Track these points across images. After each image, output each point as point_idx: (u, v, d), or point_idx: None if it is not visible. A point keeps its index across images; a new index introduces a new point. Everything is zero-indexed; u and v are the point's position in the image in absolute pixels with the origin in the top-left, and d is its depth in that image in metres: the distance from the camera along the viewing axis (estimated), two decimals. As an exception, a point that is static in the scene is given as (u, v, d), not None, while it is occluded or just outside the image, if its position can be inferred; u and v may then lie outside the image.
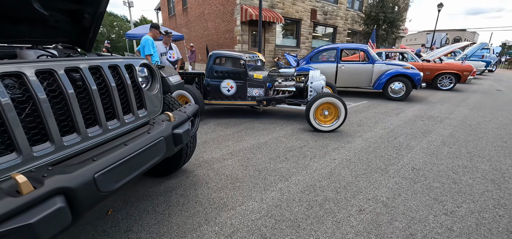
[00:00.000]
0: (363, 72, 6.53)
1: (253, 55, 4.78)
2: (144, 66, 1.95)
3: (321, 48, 7.03)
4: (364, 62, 6.52)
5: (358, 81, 6.65)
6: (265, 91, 4.54)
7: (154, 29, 4.50)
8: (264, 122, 4.56)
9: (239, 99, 4.70)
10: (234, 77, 4.59)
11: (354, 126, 4.26)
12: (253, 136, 3.84)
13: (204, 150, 3.37)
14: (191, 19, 15.27)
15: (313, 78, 4.28)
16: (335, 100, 3.69)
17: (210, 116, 5.10)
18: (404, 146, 3.36)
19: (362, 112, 5.20)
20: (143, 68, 1.96)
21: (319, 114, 3.93)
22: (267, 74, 4.54)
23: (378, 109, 5.46)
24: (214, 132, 4.09)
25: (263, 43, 11.45)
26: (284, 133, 3.95)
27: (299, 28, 12.55)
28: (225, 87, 4.66)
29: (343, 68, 6.64)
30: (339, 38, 14.86)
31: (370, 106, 5.77)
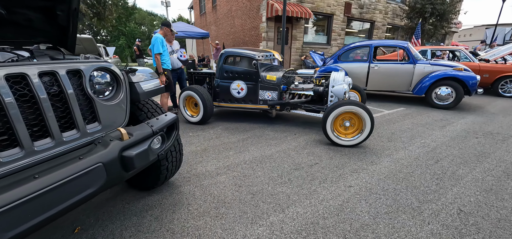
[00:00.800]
0: (401, 74, 5.57)
1: (267, 53, 4.30)
2: (104, 70, 1.63)
3: (351, 46, 6.21)
4: (403, 62, 5.56)
5: (394, 84, 5.71)
6: (279, 95, 4.04)
7: (165, 27, 4.30)
8: (276, 130, 4.07)
9: (250, 103, 4.27)
10: (244, 78, 4.18)
11: (383, 140, 3.52)
12: (259, 146, 3.38)
13: (201, 160, 3.04)
14: (219, 17, 15.25)
15: (335, 81, 3.64)
16: (359, 109, 3.04)
17: (219, 119, 4.78)
18: (448, 174, 2.59)
19: (396, 122, 4.37)
20: (105, 73, 1.65)
21: (338, 125, 3.30)
22: (281, 76, 4.02)
23: (417, 119, 4.55)
24: (218, 138, 3.74)
25: (290, 40, 10.81)
26: (295, 144, 3.42)
27: (330, 24, 11.58)
28: (235, 88, 4.28)
29: (377, 68, 5.75)
30: (377, 34, 13.39)
31: (407, 115, 4.86)
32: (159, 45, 4.17)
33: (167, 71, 4.40)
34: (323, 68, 6.52)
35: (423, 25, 11.54)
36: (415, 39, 9.62)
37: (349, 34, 12.79)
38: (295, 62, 11.17)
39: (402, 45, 5.59)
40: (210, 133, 4.00)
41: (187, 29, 10.52)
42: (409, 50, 5.50)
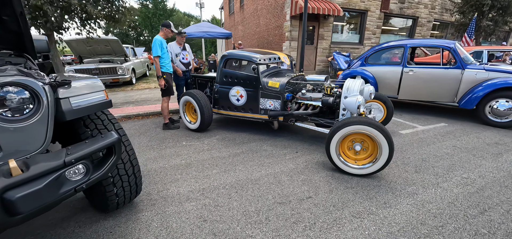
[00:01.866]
0: (444, 80, 4.51)
1: (272, 56, 3.76)
2: (15, 85, 1.33)
3: (382, 46, 5.28)
4: (448, 66, 4.49)
5: (434, 93, 4.67)
6: (283, 104, 3.48)
7: (165, 28, 4.05)
8: (276, 144, 3.52)
9: (250, 111, 3.79)
10: (244, 84, 3.71)
11: (409, 169, 2.73)
12: (249, 166, 2.90)
13: (179, 177, 2.67)
14: (246, 16, 14.97)
15: (348, 91, 2.96)
16: (373, 130, 2.34)
17: (220, 126, 4.39)
18: (500, 234, 1.79)
19: (431, 144, 3.46)
20: (21, 90, 1.35)
21: (346, 148, 2.63)
22: (286, 82, 3.46)
23: (462, 141, 3.56)
24: (209, 151, 3.34)
25: (316, 40, 9.96)
26: (292, 167, 2.84)
27: (363, 21, 10.39)
28: (234, 95, 3.84)
29: (412, 73, 4.77)
30: (421, 32, 11.66)
31: (449, 134, 3.86)
32: (158, 48, 3.94)
33: (167, 74, 4.15)
34: (347, 72, 5.72)
35: (480, 20, 9.63)
36: (468, 38, 8.01)
37: (386, 32, 11.36)
38: (321, 63, 10.29)
39: (447, 46, 4.52)
40: (203, 144, 3.64)
41: (210, 29, 10.42)
42: (456, 52, 4.42)
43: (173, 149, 3.48)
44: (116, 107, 6.15)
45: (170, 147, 3.59)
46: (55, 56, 5.39)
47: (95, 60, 9.12)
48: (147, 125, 4.79)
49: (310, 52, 10.09)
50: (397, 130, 3.99)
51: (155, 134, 4.22)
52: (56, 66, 5.48)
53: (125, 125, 4.86)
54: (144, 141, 3.87)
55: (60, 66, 5.49)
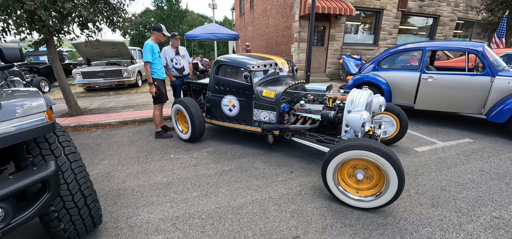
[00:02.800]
0: (470, 89, 3.92)
1: (267, 62, 3.38)
2: None
3: (398, 48, 4.73)
4: (474, 73, 3.90)
5: (458, 103, 4.07)
6: (278, 116, 3.11)
7: (156, 32, 3.79)
8: (269, 162, 3.15)
9: (243, 123, 3.45)
10: (237, 92, 3.37)
11: (424, 201, 2.26)
12: (234, 188, 2.55)
13: (154, 200, 2.39)
14: (256, 17, 14.63)
15: (353, 104, 2.54)
16: (379, 158, 1.90)
17: (214, 137, 4.08)
18: None
19: (454, 166, 2.93)
20: None
21: (346, 174, 2.22)
22: (282, 92, 3.08)
23: (491, 164, 3.00)
24: (195, 167, 3.04)
25: (326, 41, 9.41)
26: (283, 192, 2.46)
27: (379, 21, 9.69)
28: (226, 105, 3.52)
29: (431, 80, 4.20)
30: (442, 32, 10.73)
31: (474, 153, 3.30)
32: (148, 53, 3.69)
33: (158, 81, 3.90)
34: (358, 77, 5.22)
35: (511, 20, 8.65)
36: (497, 39, 7.17)
37: (404, 32, 10.55)
38: (332, 65, 9.73)
39: (474, 49, 3.92)
40: (191, 158, 3.34)
41: (216, 30, 10.19)
42: (485, 56, 3.82)
43: (159, 163, 3.21)
44: (115, 111, 6.04)
45: (156, 160, 3.33)
46: (54, 60, 5.32)
47: (103, 62, 9.16)
48: (142, 132, 4.58)
49: (320, 54, 9.56)
50: (412, 147, 3.48)
51: (146, 143, 3.99)
52: (56, 70, 5.42)
53: (120, 131, 4.69)
54: (132, 152, 3.64)
55: (60, 70, 5.42)
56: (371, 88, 5.05)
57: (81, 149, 3.81)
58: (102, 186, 2.71)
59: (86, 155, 3.64)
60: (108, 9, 5.29)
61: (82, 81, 8.33)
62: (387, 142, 3.46)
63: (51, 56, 5.33)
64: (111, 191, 2.64)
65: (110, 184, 2.77)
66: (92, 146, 3.99)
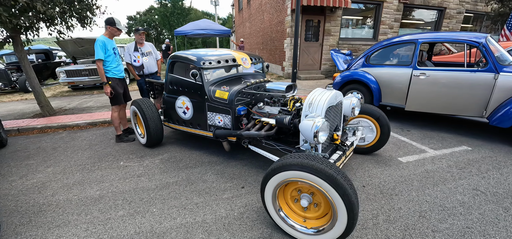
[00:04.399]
0: (469, 87, 3.35)
1: (223, 57, 2.91)
2: None
3: (390, 41, 4.18)
4: (475, 69, 3.32)
5: (455, 104, 3.50)
6: (234, 120, 2.65)
7: (108, 26, 3.39)
8: (222, 173, 2.71)
9: (198, 127, 3.02)
10: (189, 93, 2.94)
11: (393, 232, 1.77)
12: (167, 207, 2.14)
13: (69, 220, 2.05)
14: (252, 12, 14.12)
15: (312, 107, 2.06)
16: (323, 183, 1.41)
17: (175, 142, 3.68)
18: None
19: (442, 183, 2.40)
20: None
21: (290, 199, 1.74)
22: (236, 92, 2.62)
23: (490, 180, 2.45)
24: (137, 179, 2.64)
25: (321, 36, 8.82)
26: (223, 213, 2.02)
27: (379, 14, 9.01)
28: (180, 107, 3.10)
29: (424, 77, 3.64)
30: (449, 26, 9.92)
31: (470, 166, 2.75)
32: (100, 50, 3.30)
33: (114, 80, 3.51)
34: (346, 74, 4.69)
35: None
36: (507, 31, 6.44)
37: (407, 26, 9.82)
38: (327, 62, 9.14)
39: (474, 40, 3.34)
40: (141, 166, 2.96)
41: (206, 26, 9.78)
42: (488, 49, 3.23)
43: (103, 172, 2.84)
44: (90, 111, 5.73)
45: (103, 168, 2.96)
46: (23, 58, 5.03)
47: (89, 60, 8.90)
48: (107, 135, 4.23)
49: (314, 50, 8.99)
50: (396, 156, 2.95)
51: (103, 148, 3.62)
52: (25, 69, 5.14)
53: (85, 134, 4.35)
54: (83, 158, 3.28)
55: (29, 69, 5.13)
56: (360, 86, 4.52)
57: (35, 154, 3.49)
58: (28, 200, 2.37)
59: (35, 160, 3.31)
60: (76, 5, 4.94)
61: (66, 80, 8.09)
62: (366, 151, 2.95)
63: (19, 54, 5.04)
64: (34, 206, 2.29)
65: (37, 198, 2.41)
66: (47, 150, 3.66)
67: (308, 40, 8.86)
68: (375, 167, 2.67)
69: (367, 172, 2.57)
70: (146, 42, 4.21)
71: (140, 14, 41.84)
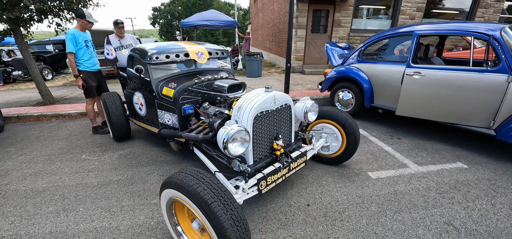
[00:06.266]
0: (473, 91, 2.74)
1: (174, 51, 2.65)
2: None
3: (383, 34, 3.62)
4: (483, 69, 2.70)
5: (455, 111, 2.91)
6: (180, 119, 2.45)
7: (79, 19, 3.36)
8: (167, 175, 2.53)
9: (153, 125, 2.87)
10: (141, 89, 2.79)
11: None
12: (94, 208, 2.09)
13: (6, 212, 2.00)
14: (265, 2, 13.58)
15: (240, 111, 1.79)
16: (190, 202, 1.16)
17: (141, 138, 3.58)
18: None
19: (408, 211, 1.96)
20: None
21: (187, 217, 1.50)
22: (181, 89, 2.40)
23: (475, 211, 1.95)
24: (85, 175, 2.60)
25: (330, 27, 8.13)
26: (140, 221, 1.88)
27: (398, 2, 8.03)
28: (136, 103, 2.99)
29: (419, 77, 3.07)
30: (484, 16, 8.52)
31: (456, 189, 2.23)
32: (70, 43, 3.29)
33: (85, 73, 3.50)
34: (341, 69, 4.21)
35: None
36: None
37: (432, 16, 8.64)
38: (337, 56, 8.44)
39: (483, 32, 2.71)
40: (98, 161, 2.97)
41: (213, 18, 9.58)
42: (502, 44, 2.60)
43: (62, 165, 2.90)
44: (83, 101, 5.89)
45: (66, 160, 3.01)
46: (23, 50, 5.30)
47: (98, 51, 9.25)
48: (88, 125, 4.31)
49: (322, 43, 8.36)
50: (368, 169, 2.53)
51: (78, 139, 3.68)
52: (26, 60, 5.42)
53: (72, 123, 4.49)
54: (55, 148, 3.37)
55: (30, 60, 5.40)
56: (350, 84, 4.03)
57: (20, 141, 3.67)
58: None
59: (15, 148, 3.47)
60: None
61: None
62: (332, 161, 2.56)
63: (20, 46, 5.31)
64: (-16, 194, 2.34)
65: (-7, 186, 2.48)
66: (31, 138, 3.81)
67: (316, 31, 8.25)
68: (334, 182, 2.30)
69: (321, 188, 2.21)
70: (127, 34, 4.14)
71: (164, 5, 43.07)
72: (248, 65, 7.79)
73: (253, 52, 8.03)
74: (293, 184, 2.28)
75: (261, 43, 15.67)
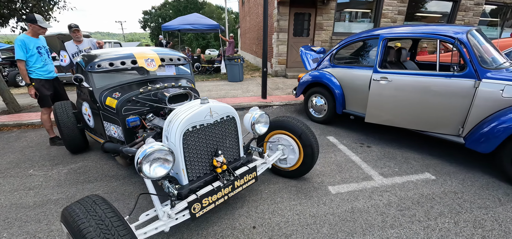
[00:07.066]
0: (441, 97, 2.62)
1: (119, 58, 2.44)
2: None
3: (352, 38, 3.49)
4: (449, 74, 2.58)
5: (425, 118, 2.78)
6: (125, 132, 2.25)
7: (30, 24, 3.12)
8: (113, 192, 2.34)
9: (101, 137, 2.65)
10: (88, 99, 2.57)
11: None
12: (19, 233, 1.80)
13: None
14: (251, 6, 13.49)
15: (170, 126, 1.60)
16: None
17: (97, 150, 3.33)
18: None
19: (361, 233, 1.80)
20: None
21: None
22: (124, 100, 2.20)
23: (435, 231, 1.81)
24: (23, 193, 2.36)
25: (312, 31, 8.05)
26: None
27: (379, 5, 8.02)
28: (85, 113, 2.76)
29: (385, 83, 2.94)
30: (464, 19, 8.60)
31: (419, 204, 2.08)
32: (19, 50, 3.05)
33: (38, 81, 3.25)
34: (314, 75, 4.06)
35: None
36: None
37: (414, 19, 8.67)
38: (321, 59, 8.36)
39: (448, 35, 2.59)
40: (44, 177, 2.72)
41: (195, 21, 9.38)
42: (468, 47, 2.49)
43: (3, 181, 2.65)
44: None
45: (10, 176, 2.79)
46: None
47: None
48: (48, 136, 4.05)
49: (305, 46, 8.25)
50: (329, 183, 2.36)
51: (32, 151, 3.43)
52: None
53: (32, 133, 4.22)
54: (2, 163, 3.12)
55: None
56: (323, 89, 3.89)
57: None
58: None
59: None
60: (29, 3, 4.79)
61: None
62: (291, 175, 2.39)
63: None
64: None
65: None
66: None
67: (298, 35, 8.15)
68: (290, 199, 2.12)
69: (274, 206, 2.03)
70: (86, 39, 3.91)
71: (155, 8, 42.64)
72: (229, 70, 7.61)
73: (234, 57, 7.87)
74: (244, 201, 2.09)
75: (249, 47, 15.53)
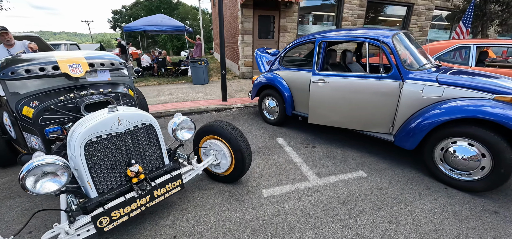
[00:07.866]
0: (372, 98, 2.78)
1: (35, 62, 2.26)
2: None
3: (296, 41, 3.59)
4: (377, 75, 2.74)
5: (360, 118, 2.92)
6: (45, 144, 2.08)
7: None
8: (34, 208, 2.14)
9: (25, 149, 2.44)
10: (6, 107, 2.35)
11: None
12: None
13: None
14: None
15: (72, 136, 1.50)
16: None
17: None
18: None
19: (280, 236, 1.84)
20: None
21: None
22: (42, 109, 2.04)
23: (353, 229, 1.88)
24: None
25: (277, 33, 8.19)
26: None
27: (340, 10, 8.37)
28: (6, 123, 2.52)
29: (323, 84, 3.05)
30: (417, 23, 9.29)
31: (344, 203, 2.16)
32: None
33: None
34: (267, 77, 4.09)
35: (484, 6, 7.20)
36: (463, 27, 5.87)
37: (373, 22, 9.19)
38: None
39: (374, 38, 2.75)
40: None
41: (159, 22, 9.09)
42: (393, 50, 2.65)
43: None
44: None
45: None
46: None
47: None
48: None
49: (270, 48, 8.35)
50: (263, 185, 2.38)
51: None
52: None
53: None
54: None
55: None
56: (274, 92, 3.95)
57: None
58: None
59: None
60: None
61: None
62: (226, 179, 2.38)
63: None
64: None
65: None
66: None
67: (263, 37, 8.23)
68: (220, 204, 2.10)
69: (201, 213, 2.00)
70: (18, 42, 3.61)
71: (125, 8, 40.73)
72: (194, 72, 7.47)
73: (197, 59, 7.75)
74: (171, 210, 2.03)
75: (221, 48, 15.38)
